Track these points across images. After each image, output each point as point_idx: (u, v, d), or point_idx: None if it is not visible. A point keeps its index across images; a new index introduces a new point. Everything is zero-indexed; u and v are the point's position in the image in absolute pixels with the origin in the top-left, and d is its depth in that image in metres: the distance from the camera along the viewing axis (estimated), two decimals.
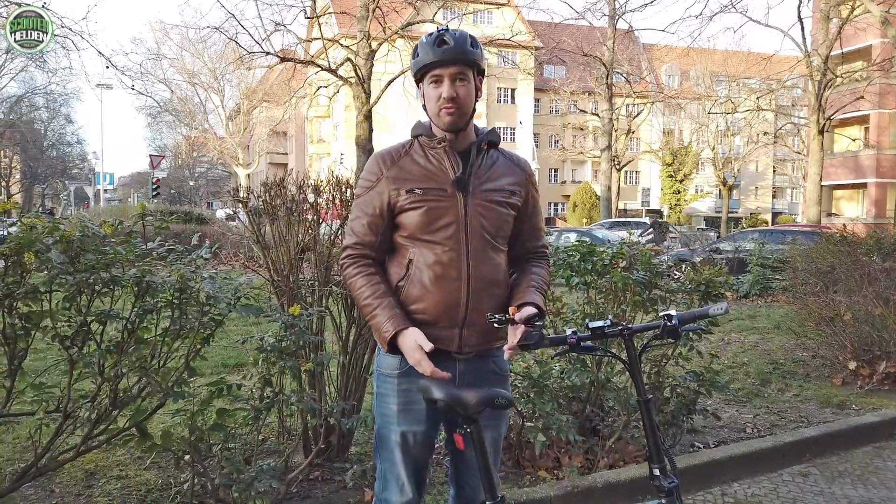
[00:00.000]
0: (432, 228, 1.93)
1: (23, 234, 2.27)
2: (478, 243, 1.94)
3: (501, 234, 2.02)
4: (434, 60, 1.91)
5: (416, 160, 1.99)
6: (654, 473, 2.03)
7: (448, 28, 1.96)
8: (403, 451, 1.97)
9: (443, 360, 1.91)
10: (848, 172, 31.27)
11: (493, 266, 1.98)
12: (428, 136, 2.00)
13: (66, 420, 2.59)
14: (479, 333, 1.95)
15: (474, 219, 1.94)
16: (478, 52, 1.95)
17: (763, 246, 12.07)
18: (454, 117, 1.93)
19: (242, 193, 3.69)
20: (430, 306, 1.92)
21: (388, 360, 1.99)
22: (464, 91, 1.93)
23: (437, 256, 1.93)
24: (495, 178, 2.01)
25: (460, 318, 1.93)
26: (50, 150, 52.06)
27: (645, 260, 3.65)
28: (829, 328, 5.81)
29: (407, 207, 1.94)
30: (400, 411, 1.97)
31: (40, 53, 18.52)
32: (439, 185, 1.95)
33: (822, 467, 4.00)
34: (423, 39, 1.96)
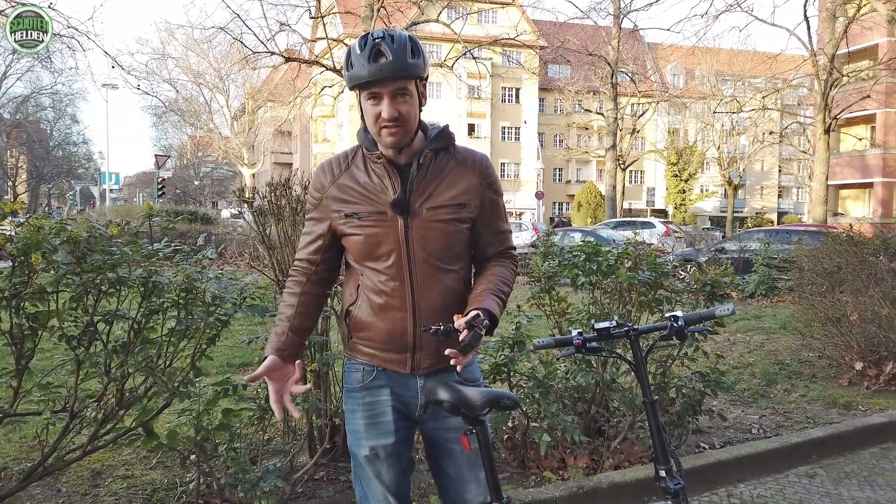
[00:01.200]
0: (373, 256, 1.82)
1: (30, 235, 2.27)
2: (423, 269, 1.81)
3: (451, 252, 1.86)
4: (369, 79, 1.71)
5: (356, 177, 1.84)
6: (660, 474, 2.03)
7: (385, 34, 1.73)
8: (375, 467, 1.90)
9: (402, 378, 1.88)
10: (854, 172, 31.15)
11: (441, 290, 1.84)
12: (368, 149, 1.83)
13: (72, 420, 2.60)
14: (432, 355, 1.86)
15: (416, 243, 1.80)
16: (419, 61, 1.74)
17: (769, 246, 12.02)
18: (396, 137, 1.76)
19: (247, 193, 3.69)
20: (377, 335, 1.86)
21: (352, 375, 1.93)
22: (406, 108, 1.74)
23: (380, 285, 1.82)
24: (441, 192, 1.82)
25: (409, 345, 1.85)
26: (56, 149, 52.29)
27: (650, 260, 3.64)
28: (836, 328, 5.78)
29: (348, 232, 1.84)
30: (367, 425, 1.90)
31: (46, 53, 18.57)
32: (377, 207, 1.80)
33: (829, 468, 3.99)
34: (355, 48, 1.74)
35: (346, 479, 3.27)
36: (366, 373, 1.91)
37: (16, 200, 42.99)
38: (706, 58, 37.21)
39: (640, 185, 54.17)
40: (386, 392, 1.90)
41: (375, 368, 1.90)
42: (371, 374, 1.90)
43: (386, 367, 1.89)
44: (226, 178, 62.17)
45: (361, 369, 1.91)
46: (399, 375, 1.88)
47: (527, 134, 48.90)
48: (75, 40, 13.21)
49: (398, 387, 1.90)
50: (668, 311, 3.52)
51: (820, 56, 20.94)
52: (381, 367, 1.89)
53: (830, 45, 20.35)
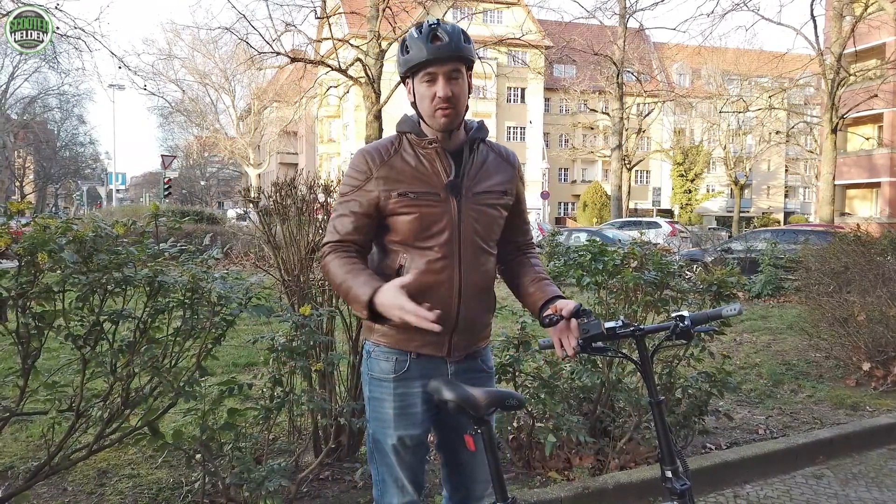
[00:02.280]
0: (425, 235, 1.86)
1: (36, 234, 2.28)
2: (470, 250, 1.89)
3: (492, 236, 1.98)
4: (428, 58, 1.80)
5: (406, 160, 1.89)
6: (666, 475, 2.02)
7: (439, 21, 1.85)
8: (401, 455, 1.93)
9: (434, 362, 1.91)
10: (861, 171, 31.00)
11: (483, 272, 1.94)
12: (417, 135, 1.90)
13: (78, 419, 2.61)
14: (468, 338, 1.95)
15: (467, 224, 1.88)
16: (471, 47, 1.87)
17: (775, 246, 11.98)
18: (450, 118, 1.85)
19: (253, 193, 3.70)
20: None
21: (381, 364, 1.94)
22: (459, 90, 1.84)
23: (429, 264, 1.86)
24: (486, 179, 1.94)
25: (451, 326, 1.88)
26: (63, 150, 52.57)
27: (656, 260, 3.63)
28: (843, 329, 5.75)
29: (399, 212, 1.86)
30: (397, 415, 1.91)
31: (53, 54, 18.69)
32: (432, 188, 1.87)
33: (836, 469, 3.97)
34: (412, 34, 1.84)
35: (352, 479, 3.28)
36: (399, 362, 1.92)
37: (23, 200, 43.25)
38: (712, 57, 37.09)
39: (646, 184, 54.10)
40: (418, 384, 1.92)
41: (408, 357, 1.91)
42: (404, 365, 1.92)
43: (420, 353, 1.90)
44: (231, 178, 62.39)
45: (393, 359, 1.92)
46: (431, 363, 1.91)
47: (532, 134, 48.86)
48: (82, 41, 13.25)
49: (430, 375, 1.91)
50: (673, 311, 3.51)
51: (827, 55, 20.87)
52: (415, 353, 1.90)
53: (837, 44, 20.27)
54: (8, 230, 2.30)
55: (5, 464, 3.40)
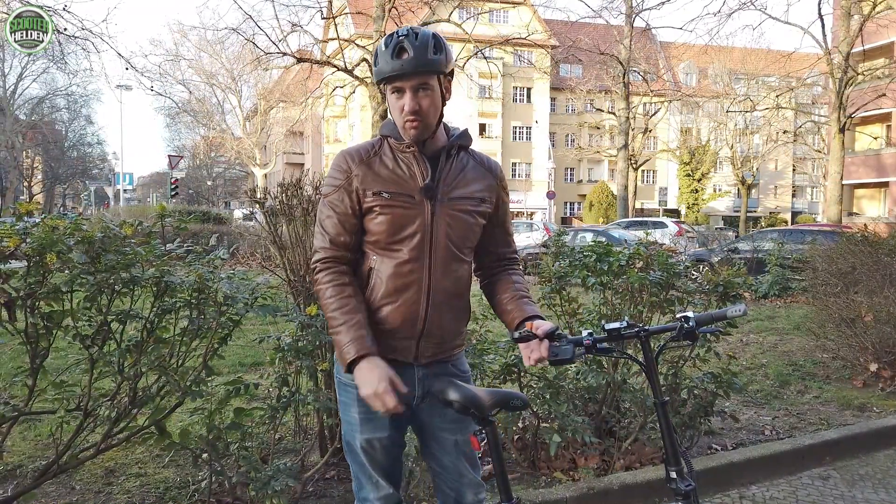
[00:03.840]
0: (396, 238, 1.85)
1: (45, 235, 2.30)
2: (442, 254, 1.87)
3: (467, 244, 1.95)
4: (392, 74, 1.80)
5: (385, 163, 1.89)
6: (671, 476, 2.02)
7: (409, 31, 1.81)
8: (370, 455, 1.94)
9: (400, 368, 1.89)
10: (869, 171, 30.82)
11: (455, 278, 1.91)
12: (397, 139, 1.90)
13: (86, 418, 2.62)
14: (436, 344, 1.92)
15: (440, 229, 1.87)
16: (441, 57, 1.81)
17: (782, 246, 11.93)
18: (418, 131, 1.84)
19: (259, 194, 3.71)
20: (388, 317, 1.87)
21: None
22: (427, 102, 1.82)
23: (398, 267, 1.86)
24: (464, 185, 1.92)
25: (418, 330, 1.88)
26: (71, 150, 52.80)
27: (662, 260, 3.63)
28: (850, 329, 5.73)
29: (373, 210, 1.86)
30: (362, 420, 1.92)
31: (61, 55, 18.76)
32: (407, 191, 1.86)
33: (843, 470, 3.95)
34: (380, 46, 1.83)
35: None
36: None
37: (31, 201, 43.48)
38: (719, 56, 36.96)
39: (653, 184, 53.89)
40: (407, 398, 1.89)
41: None
42: None
43: (387, 357, 1.86)
44: (238, 178, 62.50)
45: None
46: (398, 367, 1.87)
47: (538, 133, 48.79)
48: (89, 42, 13.32)
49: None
50: (679, 311, 3.51)
51: (834, 54, 20.76)
52: (385, 357, 1.86)
53: (845, 43, 20.17)
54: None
55: (14, 462, 3.43)
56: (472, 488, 2.01)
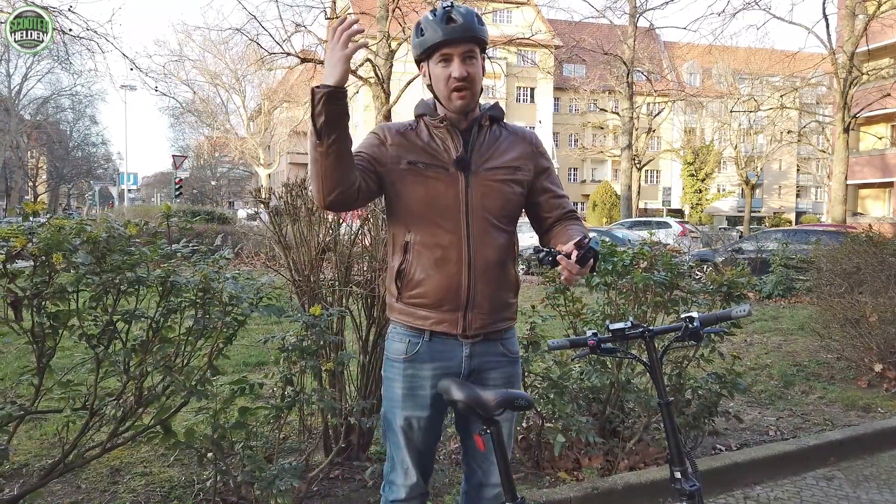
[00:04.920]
0: (432, 209, 1.88)
1: (51, 235, 2.31)
2: (479, 224, 1.89)
3: (506, 213, 1.95)
4: (443, 39, 1.83)
5: (420, 136, 1.93)
6: (675, 476, 2.02)
7: (453, 4, 1.86)
8: (407, 436, 1.97)
9: (448, 344, 1.92)
10: (874, 171, 30.71)
11: (495, 247, 1.92)
12: (431, 116, 1.94)
13: (92, 417, 2.63)
14: (485, 315, 1.92)
15: (476, 199, 1.89)
16: (485, 29, 1.89)
17: (786, 246, 11.91)
18: (465, 100, 1.87)
19: (264, 194, 3.72)
20: (430, 290, 1.89)
21: (395, 345, 1.98)
22: (474, 70, 1.87)
23: (436, 239, 1.88)
24: (499, 155, 1.95)
25: (463, 302, 1.90)
26: (75, 150, 52.97)
27: (666, 260, 3.63)
28: (855, 330, 5.71)
29: (407, 181, 1.89)
30: (404, 396, 1.95)
31: (66, 56, 18.82)
32: (441, 163, 1.90)
33: (847, 471, 3.95)
34: (427, 17, 1.87)
35: (362, 478, 3.29)
36: (411, 344, 1.95)
37: (36, 201, 43.61)
38: (723, 56, 36.88)
39: (657, 184, 53.88)
40: (429, 367, 1.93)
41: (421, 339, 1.93)
42: (416, 346, 1.94)
43: (435, 331, 1.91)
44: (242, 178, 62.60)
45: (406, 340, 1.95)
46: (445, 343, 1.92)
47: (541, 133, 48.74)
48: (94, 42, 13.35)
49: (442, 357, 1.93)
50: (683, 311, 3.50)
51: (839, 54, 20.69)
52: (429, 331, 1.92)
53: (850, 42, 20.10)
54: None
55: (20, 461, 3.44)
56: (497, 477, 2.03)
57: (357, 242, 3.44)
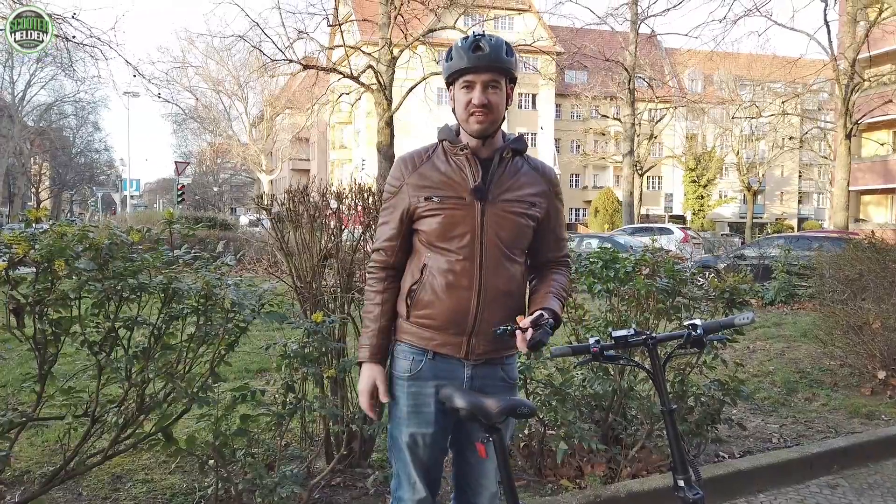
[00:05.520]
0: (448, 237, 1.93)
1: (53, 242, 2.31)
2: (492, 253, 1.94)
3: (518, 245, 2.01)
4: (467, 66, 1.90)
5: (437, 166, 1.98)
6: (679, 484, 2.01)
7: (485, 34, 1.93)
8: (413, 452, 2.00)
9: (451, 363, 1.96)
10: (876, 177, 30.68)
11: (506, 277, 1.97)
12: (451, 142, 1.99)
13: (94, 424, 2.63)
14: (488, 342, 1.96)
15: (490, 229, 1.93)
16: (512, 60, 1.94)
17: (789, 252, 11.88)
18: (484, 125, 1.92)
19: (266, 200, 3.72)
20: (439, 313, 1.94)
21: (400, 363, 2.02)
22: (495, 98, 1.92)
23: (450, 264, 1.93)
24: (516, 188, 1.99)
25: (469, 327, 1.94)
26: (78, 156, 53.11)
27: (668, 267, 3.62)
28: (858, 336, 5.70)
29: (425, 214, 1.95)
30: (409, 413, 1.99)
31: (70, 62, 18.87)
32: (457, 193, 1.94)
33: (851, 479, 3.93)
34: (458, 43, 1.94)
35: (363, 486, 3.28)
36: (414, 362, 1.99)
37: (39, 207, 43.63)
38: (725, 62, 36.95)
39: (658, 190, 53.88)
40: (431, 385, 1.97)
41: (425, 357, 1.98)
42: (420, 364, 1.98)
43: (438, 352, 1.96)
44: (244, 184, 62.76)
45: (411, 358, 1.99)
46: (448, 364, 1.96)
47: (543, 140, 48.80)
48: (98, 49, 13.39)
49: (445, 376, 1.97)
50: (686, 318, 3.50)
51: (841, 60, 20.71)
52: (433, 351, 1.97)
53: (851, 49, 20.11)
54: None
55: (22, 468, 3.43)
56: (489, 492, 2.06)
57: (359, 249, 3.44)
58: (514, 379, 2.09)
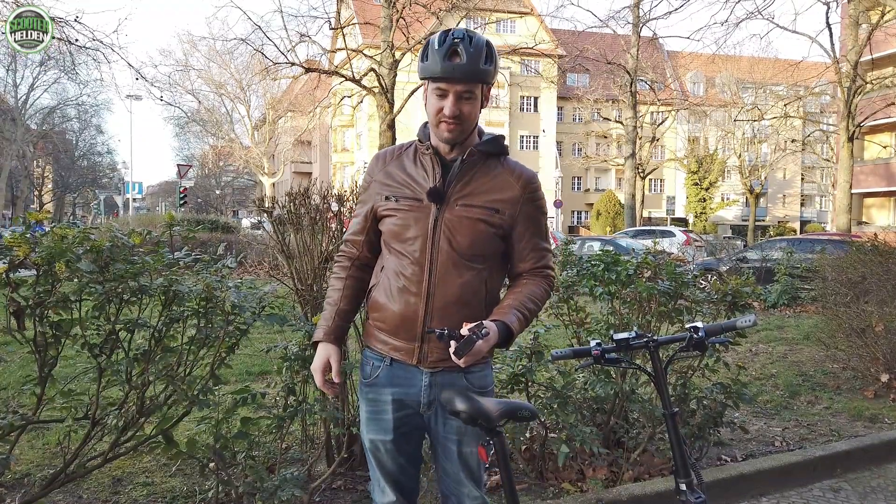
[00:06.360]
0: (402, 238, 1.88)
1: (54, 244, 2.31)
2: (444, 259, 1.84)
3: (475, 251, 1.86)
4: (441, 76, 1.79)
5: (404, 165, 1.94)
6: (681, 488, 2.00)
7: (465, 35, 1.79)
8: (375, 458, 2.00)
9: (409, 371, 1.91)
10: (879, 180, 30.66)
11: (458, 284, 1.85)
12: (422, 141, 1.93)
13: (94, 427, 2.63)
14: (440, 349, 1.84)
15: (443, 233, 1.84)
16: (490, 68, 1.81)
17: (791, 255, 11.86)
18: (453, 134, 1.84)
19: (267, 203, 3.72)
20: (389, 317, 1.90)
21: (363, 368, 2.01)
22: (468, 108, 1.82)
23: (401, 268, 1.88)
24: (479, 193, 1.87)
25: (418, 333, 1.88)
26: (81, 159, 53.23)
27: (670, 269, 3.61)
28: (861, 339, 5.68)
29: (385, 214, 1.92)
30: (368, 419, 1.98)
31: (72, 66, 18.94)
32: (415, 194, 1.88)
33: (854, 482, 3.91)
34: (433, 42, 1.81)
35: (364, 489, 3.27)
36: (374, 367, 1.97)
37: (42, 210, 43.71)
38: (727, 65, 36.94)
39: (660, 193, 53.85)
40: (388, 392, 1.94)
41: (382, 363, 1.95)
42: (377, 370, 1.96)
43: (395, 359, 1.93)
44: (246, 187, 62.85)
45: (370, 363, 1.98)
46: (405, 370, 1.92)
47: (545, 143, 48.82)
48: (100, 52, 13.44)
49: (402, 383, 1.93)
50: (688, 321, 3.49)
51: (843, 63, 20.69)
52: (390, 357, 1.93)
53: (853, 52, 20.10)
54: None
55: (22, 471, 3.43)
56: (471, 496, 1.99)
57: None
58: (483, 387, 1.94)
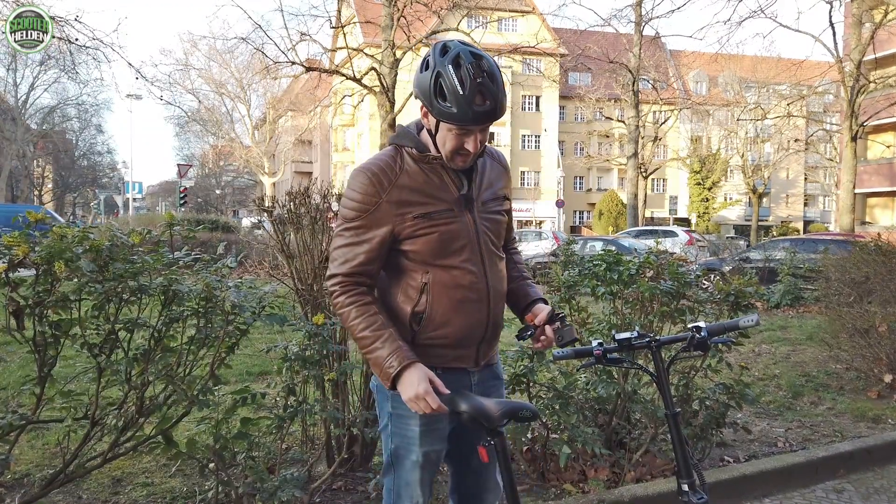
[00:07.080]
0: (447, 252, 1.83)
1: (54, 244, 2.30)
2: (489, 258, 1.91)
3: (501, 241, 2.01)
4: (473, 125, 1.74)
5: (414, 178, 1.83)
6: (683, 489, 1.99)
7: (486, 74, 1.70)
8: (423, 470, 1.93)
9: (458, 377, 1.91)
10: (882, 180, 30.60)
11: (501, 277, 1.96)
12: (419, 150, 1.84)
13: (93, 427, 2.62)
14: (492, 346, 1.98)
15: (483, 235, 1.89)
16: (506, 95, 1.81)
17: (794, 255, 11.84)
18: (467, 163, 1.85)
19: (267, 202, 3.71)
20: (455, 331, 1.85)
21: None
22: (483, 136, 1.82)
23: (456, 280, 1.83)
24: (489, 186, 1.96)
25: (480, 336, 1.91)
26: (81, 159, 53.33)
27: (673, 269, 3.59)
28: (864, 340, 5.66)
29: (419, 234, 1.81)
30: (423, 432, 1.90)
31: (72, 65, 18.94)
32: (447, 205, 1.84)
33: (857, 483, 3.89)
34: (453, 84, 1.69)
35: (364, 490, 3.26)
36: None
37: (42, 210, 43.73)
38: (729, 64, 36.87)
39: (663, 193, 53.80)
40: (445, 400, 1.86)
41: (435, 374, 1.85)
42: None
43: (448, 367, 1.89)
44: (246, 186, 62.88)
45: None
46: (456, 375, 1.91)
47: (547, 142, 48.80)
48: (100, 52, 13.46)
49: (455, 389, 1.87)
50: (690, 321, 3.47)
51: (846, 62, 20.65)
52: (443, 367, 1.87)
53: (857, 50, 20.07)
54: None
55: (21, 471, 3.42)
56: (495, 495, 2.04)
57: None
58: (502, 375, 2.10)
